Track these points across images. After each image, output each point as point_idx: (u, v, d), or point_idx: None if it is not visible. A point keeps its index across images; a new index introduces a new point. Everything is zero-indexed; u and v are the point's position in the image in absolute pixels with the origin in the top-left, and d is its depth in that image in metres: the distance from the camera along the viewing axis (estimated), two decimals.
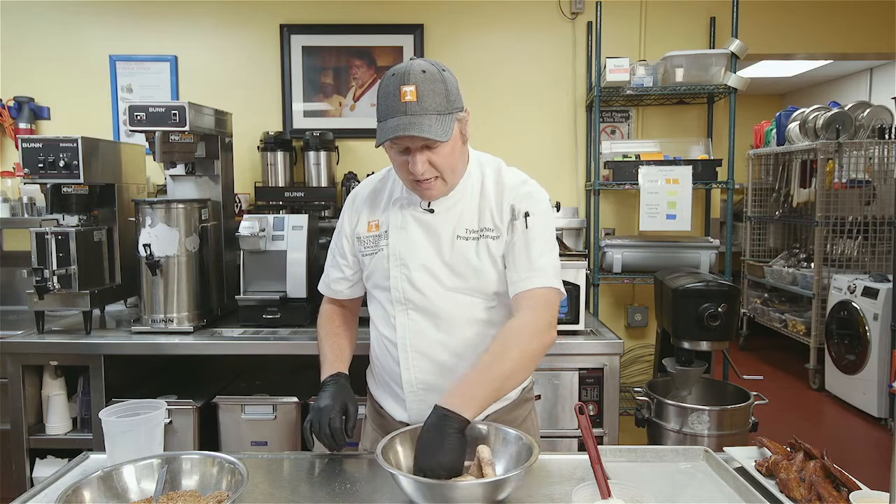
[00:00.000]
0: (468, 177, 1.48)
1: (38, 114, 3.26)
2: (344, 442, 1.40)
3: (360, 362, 1.67)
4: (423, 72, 1.31)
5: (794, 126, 5.17)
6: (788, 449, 1.37)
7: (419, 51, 3.24)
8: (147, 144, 2.43)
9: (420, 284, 1.45)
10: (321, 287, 1.68)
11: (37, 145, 2.34)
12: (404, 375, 1.48)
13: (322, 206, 2.80)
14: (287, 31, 3.26)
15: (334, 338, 1.59)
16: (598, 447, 1.24)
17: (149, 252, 2.34)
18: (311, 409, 1.42)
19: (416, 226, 1.47)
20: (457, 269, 1.44)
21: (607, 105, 3.32)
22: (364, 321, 1.66)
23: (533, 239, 1.43)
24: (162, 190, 3.07)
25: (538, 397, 2.35)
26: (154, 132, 2.35)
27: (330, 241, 1.67)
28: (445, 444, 1.20)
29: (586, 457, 1.22)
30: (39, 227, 2.36)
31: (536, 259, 1.42)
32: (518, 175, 1.52)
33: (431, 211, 1.46)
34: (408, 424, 1.46)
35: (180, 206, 2.41)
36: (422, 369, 1.47)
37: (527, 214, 1.43)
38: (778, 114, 5.57)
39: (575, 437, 2.35)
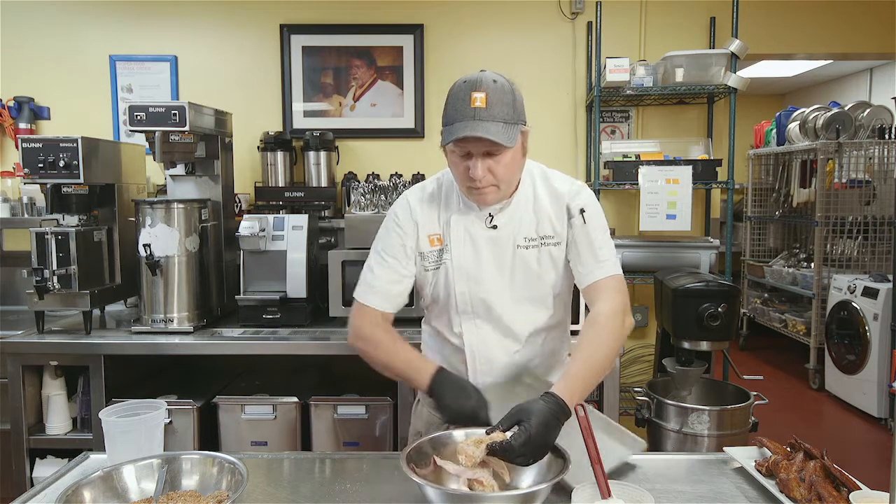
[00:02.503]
0: (521, 186, 1.52)
1: (38, 114, 3.26)
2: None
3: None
4: (495, 81, 1.37)
5: (794, 126, 5.17)
6: (788, 449, 1.37)
7: (419, 51, 3.24)
8: (147, 144, 2.43)
9: (487, 297, 1.49)
10: (369, 299, 1.53)
11: (37, 145, 2.34)
12: (471, 376, 1.53)
13: (322, 206, 2.80)
14: (287, 31, 3.26)
15: (405, 343, 1.52)
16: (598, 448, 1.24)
17: (149, 252, 2.34)
18: (448, 410, 1.37)
19: (480, 241, 1.50)
20: (520, 279, 1.49)
21: (607, 105, 3.32)
22: (411, 321, 1.65)
23: (593, 231, 1.50)
24: (162, 190, 3.07)
25: None
26: (154, 132, 2.35)
27: (329, 240, 1.67)
28: (552, 436, 1.22)
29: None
30: (39, 227, 2.36)
31: (599, 250, 1.49)
32: (564, 179, 1.56)
33: (495, 227, 1.49)
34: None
35: (180, 206, 2.41)
36: (488, 373, 1.53)
37: (582, 210, 1.50)
38: (778, 114, 5.56)
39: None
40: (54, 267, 2.32)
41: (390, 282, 1.53)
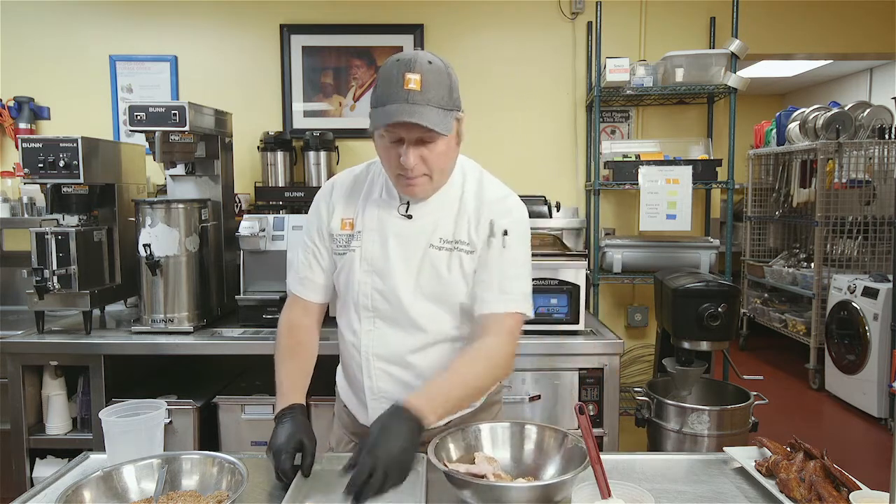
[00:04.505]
0: (450, 184, 1.41)
1: (38, 114, 3.25)
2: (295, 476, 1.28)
3: (333, 362, 1.63)
4: (430, 63, 1.27)
5: (794, 126, 5.17)
6: (788, 449, 1.37)
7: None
8: (147, 144, 2.43)
9: (388, 293, 1.39)
10: (293, 286, 1.52)
11: (37, 145, 2.34)
12: (366, 383, 1.43)
13: None
14: (287, 31, 3.26)
15: (293, 360, 1.47)
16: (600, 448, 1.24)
17: (149, 252, 2.34)
18: (267, 448, 1.31)
19: (391, 231, 1.40)
20: (426, 280, 1.38)
21: (607, 105, 3.32)
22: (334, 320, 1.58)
23: (508, 260, 1.38)
24: (162, 190, 3.07)
25: (538, 397, 2.35)
26: (154, 132, 2.35)
27: None
28: (397, 442, 1.14)
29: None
30: (39, 227, 2.36)
31: (509, 281, 1.38)
32: (500, 189, 1.45)
33: (409, 217, 1.40)
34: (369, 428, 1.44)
35: (180, 206, 2.41)
36: (384, 379, 1.42)
37: (505, 233, 1.38)
38: (778, 114, 5.57)
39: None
40: (54, 267, 2.32)
41: (312, 269, 1.49)
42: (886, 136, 4.64)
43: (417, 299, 1.39)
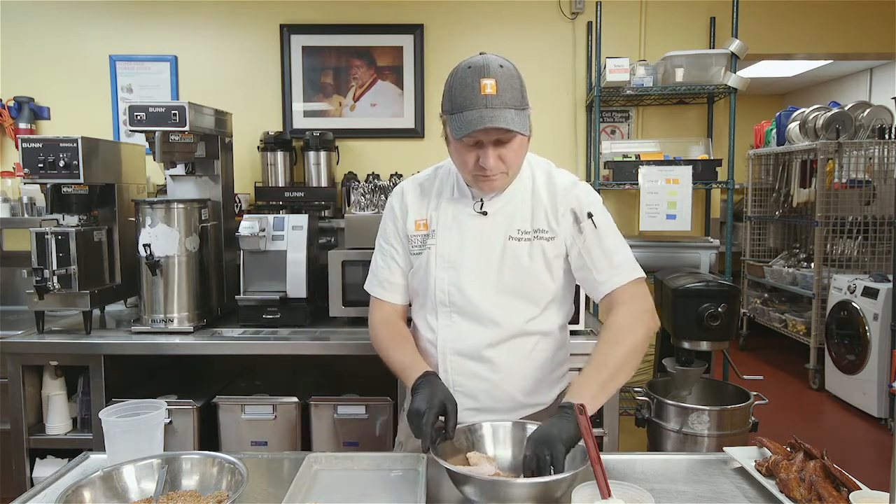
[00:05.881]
0: (519, 177, 1.47)
1: (38, 114, 3.26)
2: (434, 442, 1.25)
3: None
4: (501, 66, 1.32)
5: (794, 126, 5.17)
6: (788, 449, 1.37)
7: (419, 51, 3.23)
8: (147, 144, 2.43)
9: (467, 288, 1.43)
10: (374, 289, 1.58)
11: (37, 145, 2.34)
12: (442, 377, 1.45)
13: (322, 206, 2.80)
14: (287, 31, 3.26)
15: (402, 344, 1.50)
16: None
17: (149, 252, 2.34)
18: (407, 414, 1.31)
19: (467, 228, 1.45)
20: (508, 272, 1.42)
21: (607, 105, 3.32)
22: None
23: (604, 237, 1.44)
24: (162, 190, 3.07)
25: None
26: (154, 132, 2.35)
27: (329, 241, 1.66)
28: (563, 434, 1.18)
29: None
30: (39, 227, 2.36)
31: (613, 256, 1.43)
32: (568, 176, 1.52)
33: (485, 213, 1.44)
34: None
35: (180, 206, 2.41)
36: (460, 373, 1.46)
37: (590, 215, 1.45)
38: (778, 114, 5.56)
39: None
40: (54, 267, 2.32)
41: (392, 272, 1.55)
42: (886, 136, 4.64)
43: (495, 293, 1.43)
